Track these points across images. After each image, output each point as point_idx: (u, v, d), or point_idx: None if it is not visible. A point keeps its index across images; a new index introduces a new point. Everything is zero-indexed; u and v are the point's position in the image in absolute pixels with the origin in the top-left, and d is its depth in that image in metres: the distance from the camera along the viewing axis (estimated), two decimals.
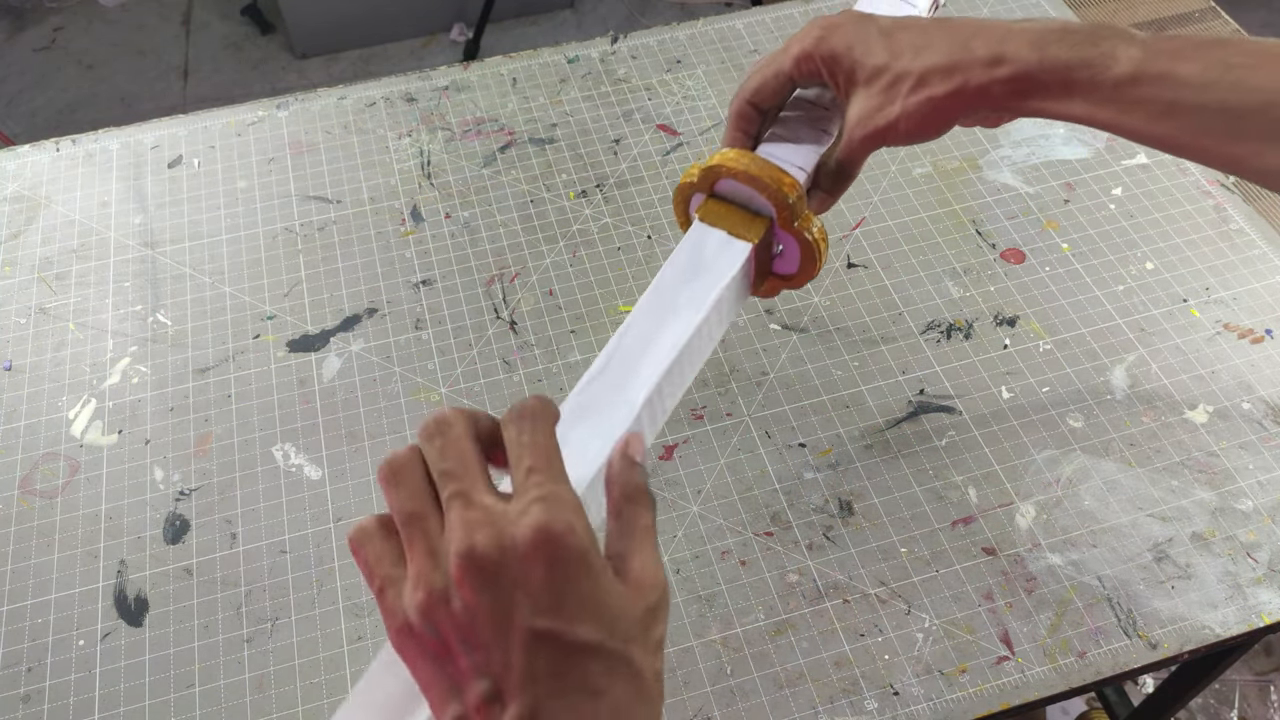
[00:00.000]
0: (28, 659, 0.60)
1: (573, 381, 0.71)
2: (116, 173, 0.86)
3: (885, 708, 0.57)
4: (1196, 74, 0.41)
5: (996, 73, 0.44)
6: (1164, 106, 0.42)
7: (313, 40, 2.23)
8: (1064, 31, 0.44)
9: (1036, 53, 0.43)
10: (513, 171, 0.85)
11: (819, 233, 0.49)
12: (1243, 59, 0.40)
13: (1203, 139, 0.42)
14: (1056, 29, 0.44)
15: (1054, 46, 0.43)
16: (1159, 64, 0.42)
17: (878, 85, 0.46)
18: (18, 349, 0.75)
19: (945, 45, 0.45)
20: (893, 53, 0.46)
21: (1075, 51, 0.43)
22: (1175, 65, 0.41)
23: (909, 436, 0.68)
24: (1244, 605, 0.61)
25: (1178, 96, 0.41)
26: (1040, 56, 0.43)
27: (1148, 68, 0.42)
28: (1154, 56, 0.42)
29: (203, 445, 0.69)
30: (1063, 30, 0.44)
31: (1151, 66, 0.42)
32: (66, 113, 2.16)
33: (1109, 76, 0.42)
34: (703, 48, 0.95)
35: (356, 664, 0.60)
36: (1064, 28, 0.44)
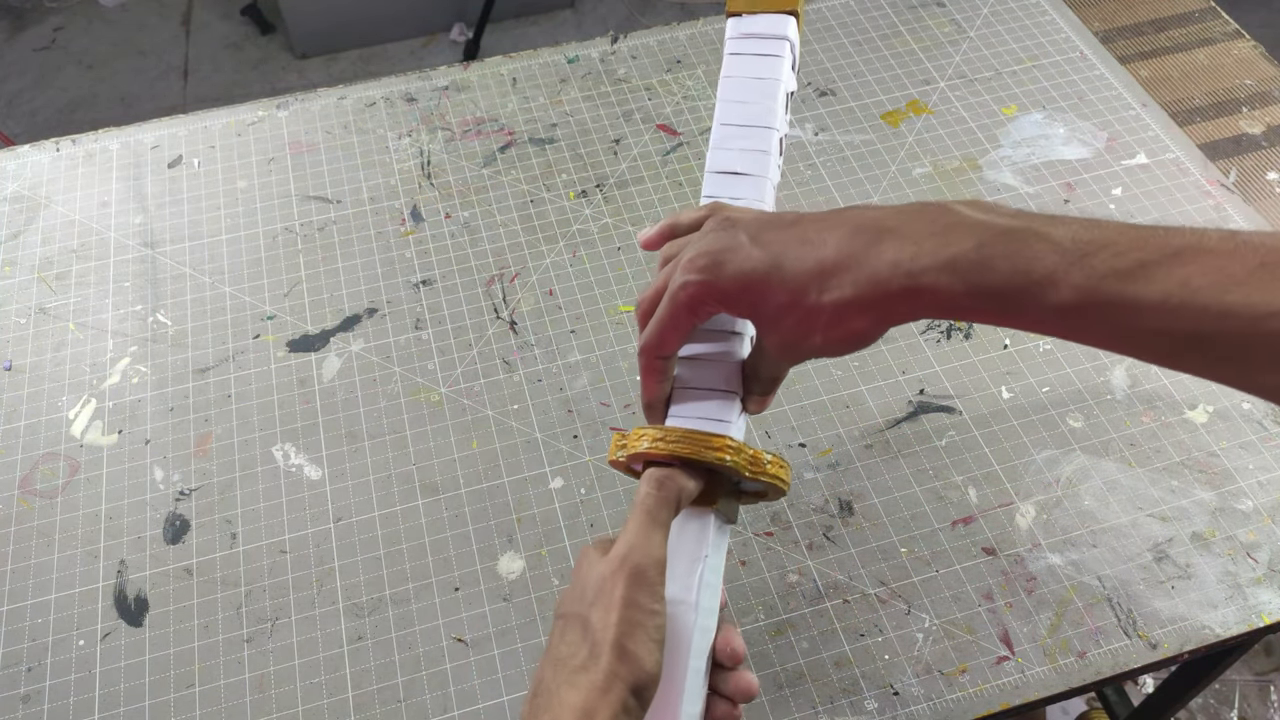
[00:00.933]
0: (28, 659, 0.60)
1: (573, 381, 0.71)
2: (116, 173, 0.86)
3: (885, 708, 0.57)
4: (1156, 300, 0.33)
5: (919, 303, 0.38)
6: (1123, 332, 0.35)
7: (313, 40, 2.23)
8: (979, 244, 0.36)
9: (959, 281, 0.36)
10: (513, 171, 0.85)
11: (774, 469, 0.45)
12: (1204, 278, 0.33)
13: (1175, 361, 0.35)
14: (970, 241, 0.36)
15: (975, 272, 0.36)
16: (1107, 288, 0.34)
17: (789, 321, 0.41)
18: (18, 349, 0.75)
19: (850, 275, 0.39)
20: (794, 289, 0.40)
21: (1003, 276, 0.35)
22: (1126, 289, 0.34)
23: (909, 436, 0.68)
24: (1244, 605, 0.61)
25: (1137, 324, 0.34)
26: (965, 286, 0.36)
27: (1094, 295, 0.34)
28: (1098, 279, 0.34)
29: (203, 445, 0.69)
30: (978, 241, 0.36)
31: (1098, 293, 0.34)
32: (66, 113, 2.16)
33: (1049, 303, 0.35)
34: (703, 48, 0.95)
35: (356, 664, 0.60)
36: (979, 236, 0.36)
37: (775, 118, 0.51)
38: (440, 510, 0.66)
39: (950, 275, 0.36)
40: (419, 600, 0.62)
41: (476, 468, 0.68)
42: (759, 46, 0.53)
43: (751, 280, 0.41)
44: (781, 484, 0.45)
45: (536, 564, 0.63)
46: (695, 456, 0.43)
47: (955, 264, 0.36)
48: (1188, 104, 0.89)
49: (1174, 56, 0.94)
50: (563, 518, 0.65)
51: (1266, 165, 0.85)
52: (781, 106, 0.52)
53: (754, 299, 0.42)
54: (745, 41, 0.54)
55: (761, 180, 0.50)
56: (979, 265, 0.36)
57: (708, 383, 0.46)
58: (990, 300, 0.36)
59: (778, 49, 0.52)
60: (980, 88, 0.90)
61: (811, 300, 0.40)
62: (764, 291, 0.41)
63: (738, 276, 0.41)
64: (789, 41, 0.53)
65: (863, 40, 0.94)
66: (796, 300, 0.40)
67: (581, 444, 0.68)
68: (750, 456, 0.44)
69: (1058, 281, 0.34)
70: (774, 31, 0.53)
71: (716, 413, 0.46)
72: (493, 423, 0.70)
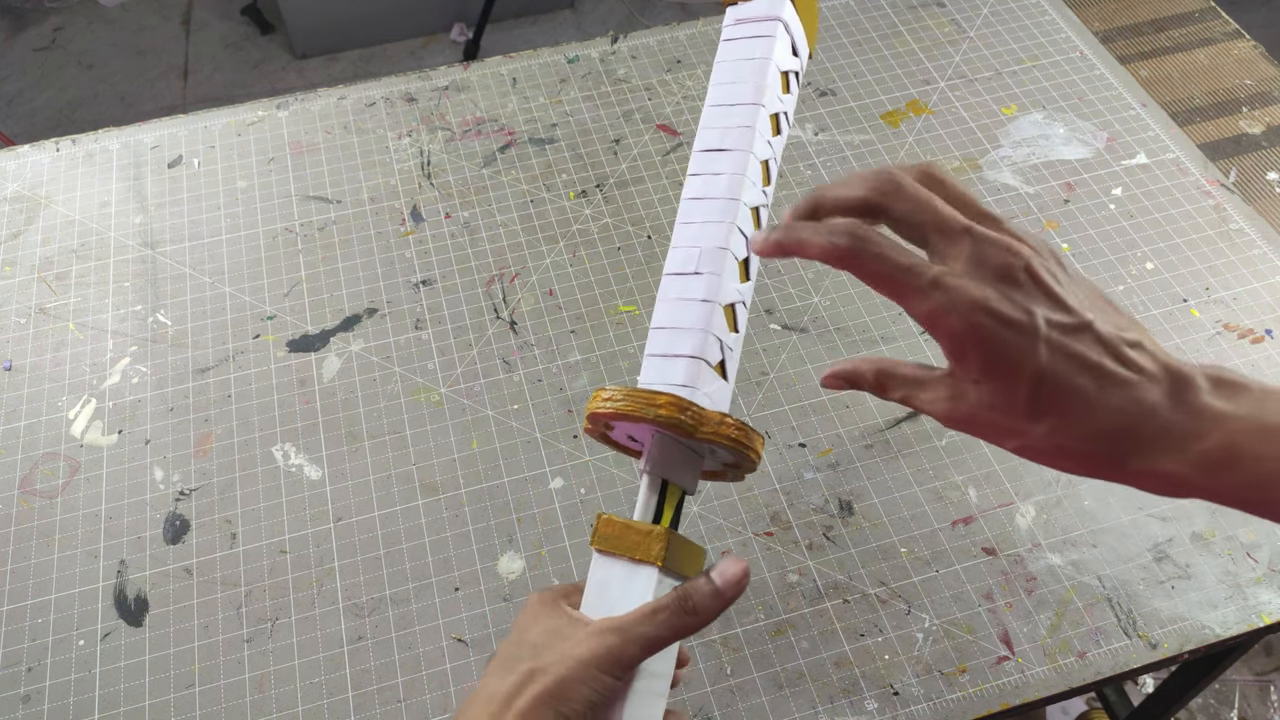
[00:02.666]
0: (28, 659, 0.60)
1: (573, 381, 0.71)
2: (116, 173, 0.86)
3: (885, 708, 0.57)
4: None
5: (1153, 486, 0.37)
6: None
7: (313, 40, 2.23)
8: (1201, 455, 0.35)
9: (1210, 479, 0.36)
10: (513, 171, 0.85)
11: (730, 431, 0.43)
12: None
13: None
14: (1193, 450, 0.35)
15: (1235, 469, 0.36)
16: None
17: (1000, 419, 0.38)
18: (18, 349, 0.75)
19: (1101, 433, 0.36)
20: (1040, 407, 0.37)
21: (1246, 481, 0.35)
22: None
23: (909, 436, 0.68)
24: (1244, 605, 0.61)
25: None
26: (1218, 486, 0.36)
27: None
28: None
29: (203, 445, 0.69)
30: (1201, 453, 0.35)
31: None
32: (66, 113, 2.16)
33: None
34: (703, 48, 0.95)
35: (356, 664, 0.60)
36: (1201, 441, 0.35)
37: (761, 94, 0.50)
38: (440, 510, 0.66)
39: (1198, 471, 0.36)
40: (419, 600, 0.62)
41: (476, 468, 0.68)
42: (751, 30, 0.52)
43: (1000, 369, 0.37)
44: (739, 447, 0.43)
45: (536, 564, 0.63)
46: (638, 414, 0.43)
47: (1205, 459, 0.36)
48: (1188, 104, 0.89)
49: (1174, 56, 0.94)
50: (563, 518, 0.65)
51: (1266, 165, 0.85)
52: (772, 82, 0.50)
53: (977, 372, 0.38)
54: (738, 27, 0.53)
55: (744, 155, 0.48)
56: (1228, 464, 0.35)
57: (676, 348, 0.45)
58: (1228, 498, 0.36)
59: (769, 29, 0.52)
60: (980, 88, 0.90)
61: (1041, 431, 0.37)
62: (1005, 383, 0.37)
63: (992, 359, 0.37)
64: (780, 21, 0.52)
65: (863, 40, 0.94)
66: (1031, 418, 0.37)
67: (581, 444, 0.68)
68: (696, 414, 0.42)
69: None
70: (766, 14, 0.52)
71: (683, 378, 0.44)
72: (493, 423, 0.70)
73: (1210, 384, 0.36)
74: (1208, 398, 0.36)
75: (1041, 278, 0.37)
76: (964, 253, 0.37)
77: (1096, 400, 0.36)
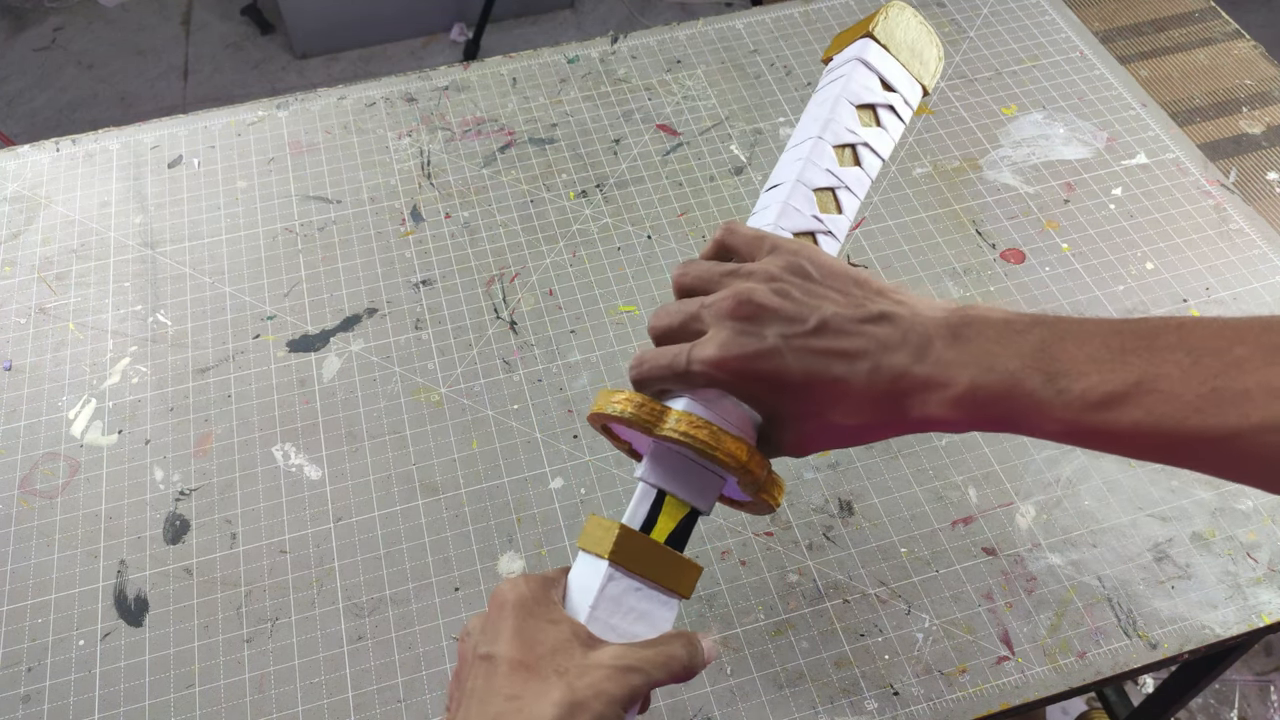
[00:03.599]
0: (28, 659, 0.60)
1: (573, 381, 0.71)
2: (116, 173, 0.86)
3: (885, 708, 0.57)
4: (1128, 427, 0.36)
5: (929, 428, 0.41)
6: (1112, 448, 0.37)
7: (313, 40, 2.24)
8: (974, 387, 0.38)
9: (964, 416, 0.39)
10: (513, 171, 0.85)
11: (779, 494, 0.45)
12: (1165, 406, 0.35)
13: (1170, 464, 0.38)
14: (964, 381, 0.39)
15: (975, 410, 0.39)
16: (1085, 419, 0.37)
17: (807, 427, 0.43)
18: (18, 349, 0.75)
19: (870, 407, 0.41)
20: (817, 407, 0.42)
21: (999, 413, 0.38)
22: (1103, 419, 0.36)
23: (909, 436, 0.68)
24: (1244, 605, 0.61)
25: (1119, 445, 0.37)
26: (970, 420, 0.39)
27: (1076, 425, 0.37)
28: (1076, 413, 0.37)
29: (203, 445, 0.69)
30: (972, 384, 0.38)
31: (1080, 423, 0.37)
32: (66, 113, 2.16)
33: (1044, 430, 0.38)
34: (703, 48, 0.95)
35: (356, 664, 0.60)
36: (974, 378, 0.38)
37: (824, 127, 0.51)
38: (440, 510, 0.66)
39: (958, 412, 0.39)
40: (419, 600, 0.62)
41: (476, 468, 0.68)
42: (831, 76, 0.54)
43: (778, 388, 0.42)
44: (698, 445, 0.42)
45: (536, 564, 0.63)
46: (600, 410, 0.44)
47: (960, 403, 0.39)
48: (1188, 104, 0.89)
49: (1174, 56, 0.94)
50: (563, 518, 0.65)
51: (1266, 165, 0.85)
52: (840, 116, 0.51)
53: (776, 400, 0.43)
54: (825, 78, 0.55)
55: (787, 185, 0.50)
56: (977, 404, 0.39)
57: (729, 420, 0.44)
58: (993, 426, 0.40)
59: (846, 70, 0.53)
60: (980, 88, 0.90)
61: (837, 419, 0.42)
62: (790, 399, 0.42)
63: (763, 380, 0.42)
64: (859, 60, 0.53)
65: None
66: (822, 413, 0.42)
67: (581, 444, 0.68)
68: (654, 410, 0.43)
69: (1045, 415, 0.38)
70: (848, 57, 0.53)
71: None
72: (493, 423, 0.70)
73: (949, 335, 0.40)
74: (944, 352, 0.40)
75: (767, 304, 0.42)
76: (707, 321, 0.43)
77: (853, 378, 0.40)
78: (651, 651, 0.41)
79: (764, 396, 0.43)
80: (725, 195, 0.83)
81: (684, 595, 0.44)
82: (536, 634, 0.41)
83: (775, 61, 0.93)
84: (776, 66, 0.93)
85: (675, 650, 0.42)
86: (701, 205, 0.82)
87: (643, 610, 0.43)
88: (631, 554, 0.43)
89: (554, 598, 0.43)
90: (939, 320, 0.41)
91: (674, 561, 0.44)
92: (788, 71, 0.92)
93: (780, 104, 0.89)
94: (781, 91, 0.91)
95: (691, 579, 0.44)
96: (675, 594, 0.44)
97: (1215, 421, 0.34)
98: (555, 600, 0.43)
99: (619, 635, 0.42)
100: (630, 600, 0.43)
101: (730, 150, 0.86)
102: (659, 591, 0.43)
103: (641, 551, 0.43)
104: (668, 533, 0.44)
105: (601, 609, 0.42)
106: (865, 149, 0.52)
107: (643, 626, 0.43)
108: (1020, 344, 0.39)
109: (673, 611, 0.44)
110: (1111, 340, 0.37)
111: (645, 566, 0.43)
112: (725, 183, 0.84)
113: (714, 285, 0.45)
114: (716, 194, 0.83)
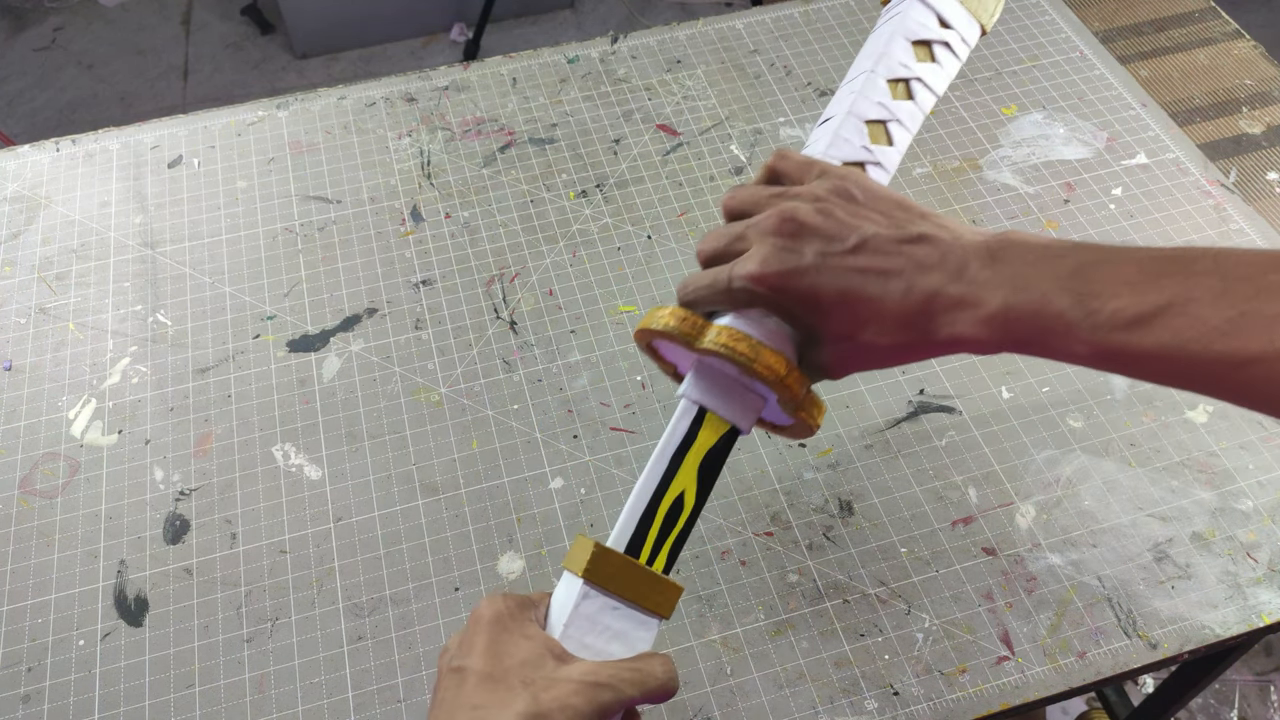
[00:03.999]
0: (28, 659, 0.60)
1: (573, 381, 0.71)
2: (116, 173, 0.86)
3: (885, 708, 0.57)
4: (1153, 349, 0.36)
5: (959, 350, 0.42)
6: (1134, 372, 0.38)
7: (313, 40, 2.24)
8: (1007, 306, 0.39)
9: (994, 336, 0.40)
10: (513, 171, 0.85)
11: (819, 415, 0.45)
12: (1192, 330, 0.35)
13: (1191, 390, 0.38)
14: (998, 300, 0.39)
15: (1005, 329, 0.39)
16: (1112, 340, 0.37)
17: (843, 348, 0.44)
18: (18, 349, 0.75)
19: (904, 326, 0.41)
20: (850, 324, 0.42)
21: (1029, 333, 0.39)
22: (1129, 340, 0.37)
23: (909, 436, 0.68)
24: (1244, 605, 0.61)
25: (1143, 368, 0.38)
26: (999, 340, 0.40)
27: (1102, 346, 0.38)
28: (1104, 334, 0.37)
29: (203, 445, 0.69)
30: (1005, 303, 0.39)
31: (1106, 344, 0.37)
32: (66, 113, 2.16)
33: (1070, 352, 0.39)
34: (703, 48, 0.95)
35: (356, 664, 0.60)
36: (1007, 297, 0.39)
37: (871, 59, 0.52)
38: (440, 510, 0.66)
39: (987, 331, 0.40)
40: (419, 600, 0.62)
41: (476, 468, 0.68)
42: (890, 13, 0.55)
43: (813, 306, 0.43)
44: (737, 358, 0.42)
45: (536, 564, 0.63)
46: (646, 325, 0.45)
47: (990, 322, 0.40)
48: (1188, 104, 0.89)
49: (1174, 56, 0.94)
50: (563, 518, 0.65)
51: (1266, 165, 0.85)
52: (895, 50, 0.52)
53: (812, 320, 0.44)
54: (883, 16, 0.55)
55: (839, 117, 0.51)
56: (1007, 324, 0.39)
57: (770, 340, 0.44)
58: (1021, 348, 0.40)
59: (903, 8, 0.53)
60: (980, 88, 0.90)
61: (868, 338, 0.42)
62: (824, 318, 0.43)
63: (800, 299, 0.43)
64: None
65: (862, 40, 0.94)
66: (854, 334, 0.43)
67: (581, 444, 0.68)
68: (696, 324, 0.44)
69: (1073, 337, 0.38)
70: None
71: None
72: (493, 423, 0.70)
73: (986, 257, 0.41)
74: (980, 271, 0.40)
75: (809, 222, 0.43)
76: (751, 240, 0.44)
77: (886, 297, 0.41)
78: (625, 669, 0.41)
79: (801, 315, 0.43)
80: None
81: (663, 616, 0.44)
82: (508, 647, 0.41)
83: (775, 61, 0.93)
84: (776, 66, 0.93)
85: (651, 669, 0.41)
86: (701, 205, 0.82)
87: (619, 630, 0.43)
88: (608, 573, 0.42)
89: (531, 616, 0.43)
90: (978, 244, 0.41)
91: (653, 581, 0.43)
92: (788, 71, 0.92)
93: (780, 104, 0.89)
94: (781, 91, 0.91)
95: (672, 599, 0.44)
96: (655, 614, 0.43)
97: (1238, 345, 0.34)
98: (532, 618, 0.42)
99: (594, 654, 0.42)
100: (606, 619, 0.43)
101: (730, 150, 0.86)
102: (637, 611, 0.43)
103: (619, 570, 0.43)
104: (707, 448, 0.45)
105: (575, 627, 0.42)
106: (919, 84, 0.52)
107: (619, 646, 0.43)
108: (1056, 266, 0.39)
109: (651, 632, 0.43)
110: (1147, 265, 0.37)
111: (622, 585, 0.43)
112: (725, 183, 0.84)
113: (761, 206, 0.46)
114: (716, 194, 0.83)
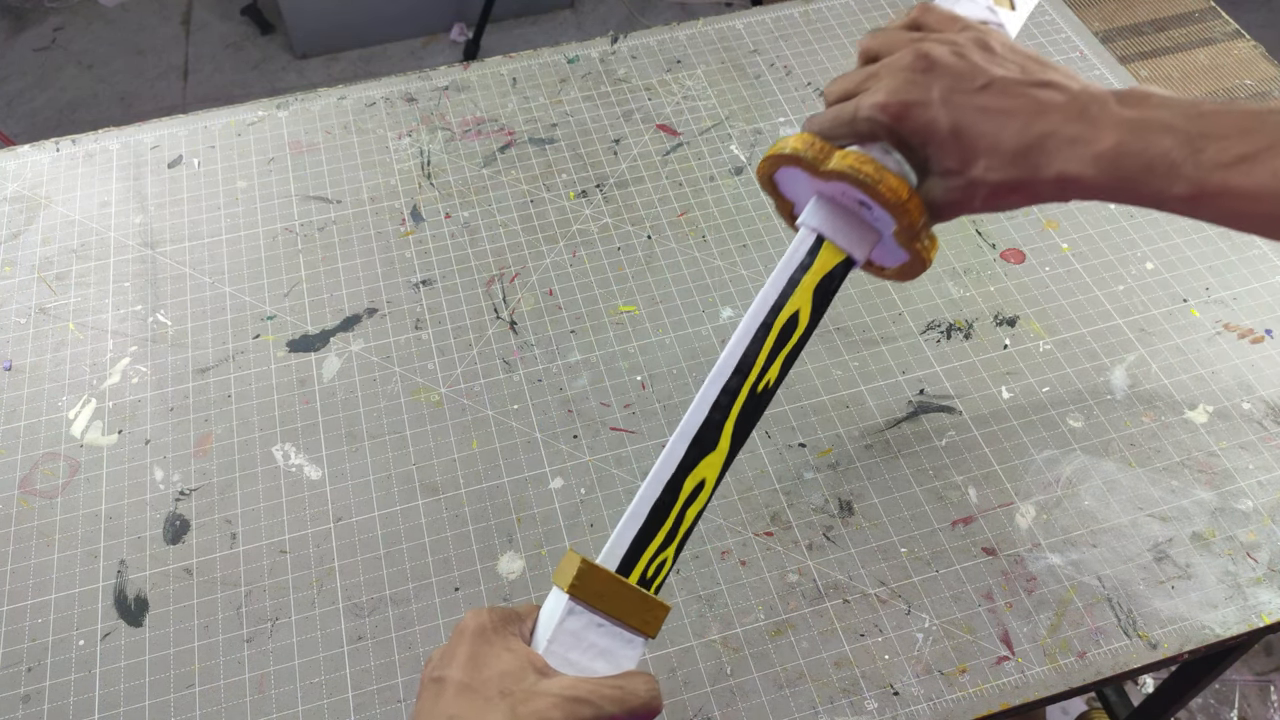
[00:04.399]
0: (28, 659, 0.60)
1: (573, 381, 0.71)
2: (116, 173, 0.86)
3: (885, 708, 0.57)
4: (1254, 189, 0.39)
5: (1068, 191, 0.44)
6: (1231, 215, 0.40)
7: (313, 40, 2.23)
8: (1119, 142, 0.41)
9: (1101, 174, 0.42)
10: (513, 171, 0.85)
11: (934, 248, 0.47)
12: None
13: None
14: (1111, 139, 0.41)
15: (1113, 167, 0.41)
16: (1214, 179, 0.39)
17: (955, 183, 0.45)
18: (18, 349, 0.75)
19: (1015, 162, 0.43)
20: (966, 159, 0.44)
21: (1135, 171, 0.41)
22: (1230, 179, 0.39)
23: (909, 436, 0.68)
24: (1244, 605, 0.61)
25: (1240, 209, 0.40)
26: (1106, 178, 0.42)
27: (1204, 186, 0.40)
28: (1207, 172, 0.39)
29: (203, 445, 0.69)
30: (1118, 139, 0.41)
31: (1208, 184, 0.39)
32: (66, 113, 2.16)
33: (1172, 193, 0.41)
34: (703, 48, 0.95)
35: (356, 664, 0.60)
36: (1120, 134, 0.41)
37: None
38: (440, 510, 0.66)
39: (1095, 169, 0.41)
40: (419, 600, 0.62)
41: (476, 468, 0.68)
42: None
43: (930, 139, 0.45)
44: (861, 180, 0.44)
45: (536, 564, 0.63)
46: (813, 164, 0.45)
47: (1099, 159, 0.41)
48: None
49: (1174, 56, 0.94)
50: (563, 518, 0.65)
51: None
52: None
53: (928, 153, 0.45)
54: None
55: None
56: (1116, 161, 0.41)
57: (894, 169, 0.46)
58: (1125, 190, 0.42)
59: None
60: None
61: (978, 174, 0.44)
62: (939, 151, 0.45)
63: (918, 131, 0.45)
64: None
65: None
66: (965, 169, 0.44)
67: (581, 444, 0.68)
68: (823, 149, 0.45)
69: (1175, 175, 0.40)
70: None
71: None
72: (493, 423, 0.70)
73: (1117, 99, 0.42)
74: (1107, 108, 0.42)
75: (942, 60, 0.45)
76: (883, 77, 0.46)
77: (1001, 133, 0.43)
78: (607, 686, 0.40)
79: (918, 148, 0.45)
80: (725, 195, 0.83)
81: (649, 634, 0.43)
82: (489, 659, 0.41)
83: (775, 61, 0.93)
84: (776, 66, 0.93)
85: (634, 687, 0.41)
86: (701, 205, 0.82)
87: (604, 647, 0.42)
88: (594, 589, 0.42)
89: (515, 629, 0.42)
90: (1105, 92, 0.43)
91: (640, 600, 0.43)
92: (788, 71, 0.92)
93: (780, 104, 0.89)
94: (781, 91, 0.91)
95: (658, 618, 0.44)
96: (641, 633, 0.43)
97: None
98: (515, 632, 0.42)
99: (577, 670, 0.42)
100: (591, 636, 0.42)
101: (730, 150, 0.86)
102: (623, 629, 0.43)
103: (606, 587, 0.42)
104: (824, 273, 0.46)
105: (559, 643, 0.42)
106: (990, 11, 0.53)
107: (603, 663, 0.42)
108: (1174, 110, 0.41)
109: (637, 650, 0.43)
110: (1258, 113, 0.39)
111: (609, 603, 0.42)
112: (725, 183, 0.84)
113: (898, 48, 0.47)
114: (716, 194, 0.83)
